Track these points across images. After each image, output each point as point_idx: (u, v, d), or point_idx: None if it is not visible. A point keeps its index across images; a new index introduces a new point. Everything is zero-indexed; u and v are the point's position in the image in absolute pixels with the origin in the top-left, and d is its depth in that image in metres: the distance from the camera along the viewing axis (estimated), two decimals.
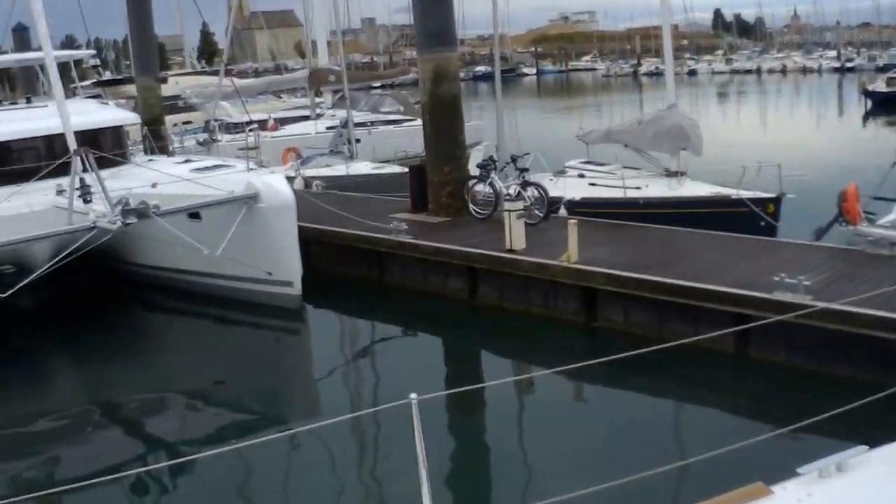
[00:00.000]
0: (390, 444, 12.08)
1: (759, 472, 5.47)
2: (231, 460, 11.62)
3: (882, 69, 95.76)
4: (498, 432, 12.98)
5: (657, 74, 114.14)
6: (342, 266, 20.67)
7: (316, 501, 11.07)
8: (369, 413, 12.55)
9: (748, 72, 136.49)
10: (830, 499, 4.80)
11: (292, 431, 12.18)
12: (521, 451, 12.36)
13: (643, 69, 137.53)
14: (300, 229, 18.92)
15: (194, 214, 17.99)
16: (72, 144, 16.55)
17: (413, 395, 5.13)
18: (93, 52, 59.34)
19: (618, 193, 21.29)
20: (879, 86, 70.22)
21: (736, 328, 12.90)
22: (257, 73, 68.03)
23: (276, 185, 18.27)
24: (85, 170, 16.34)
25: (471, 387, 11.85)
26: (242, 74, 66.29)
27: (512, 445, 12.47)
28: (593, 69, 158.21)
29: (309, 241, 20.33)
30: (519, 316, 17.26)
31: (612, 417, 13.22)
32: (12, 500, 8.89)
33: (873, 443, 5.37)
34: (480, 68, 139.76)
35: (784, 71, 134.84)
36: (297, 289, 18.32)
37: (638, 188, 21.50)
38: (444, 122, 21.80)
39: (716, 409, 13.55)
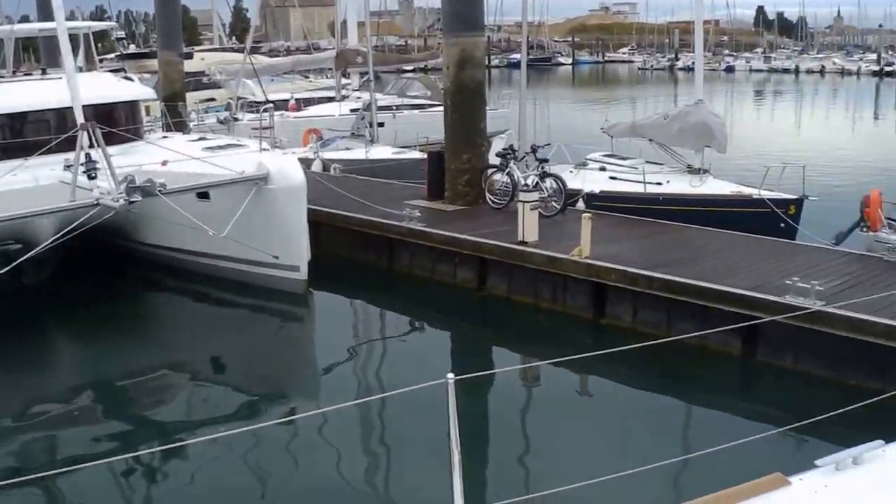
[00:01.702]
0: (401, 428, 12.09)
1: (776, 464, 5.48)
2: (234, 443, 11.43)
3: None
4: (511, 419, 12.92)
5: (693, 69, 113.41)
6: (352, 251, 20.39)
7: (320, 485, 10.91)
8: (377, 399, 12.49)
9: (786, 71, 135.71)
10: (846, 490, 4.91)
11: (298, 416, 12.14)
12: (531, 438, 12.37)
13: (680, 63, 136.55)
14: (312, 212, 18.70)
15: (203, 194, 17.72)
16: (79, 118, 16.26)
17: (450, 375, 5.06)
18: (114, 24, 58.92)
19: (638, 188, 20.95)
20: None
21: (727, 327, 12.78)
22: (289, 52, 67.90)
23: (287, 166, 17.98)
24: (94, 145, 16.08)
25: (503, 369, 11.72)
26: (274, 53, 66.23)
27: (523, 432, 12.58)
28: (630, 61, 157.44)
29: (320, 225, 20.13)
30: (527, 309, 17.01)
31: (619, 410, 13.15)
32: (5, 481, 8.64)
33: (889, 438, 5.47)
34: (516, 55, 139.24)
35: (822, 72, 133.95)
36: (303, 273, 18.04)
37: (659, 184, 21.16)
38: (466, 108, 21.44)
39: (726, 406, 13.37)
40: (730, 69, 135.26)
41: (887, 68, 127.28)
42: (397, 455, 11.74)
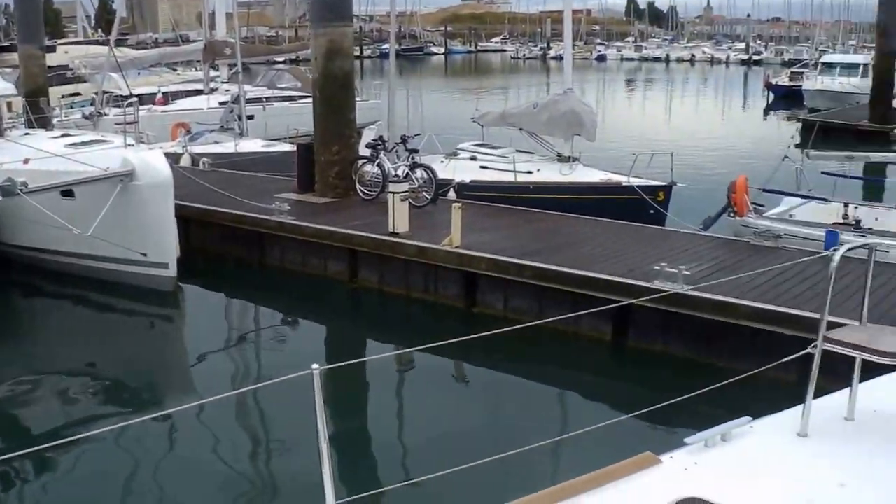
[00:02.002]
0: (274, 421, 11.98)
1: (647, 444, 5.52)
2: (106, 443, 11.15)
3: (788, 64, 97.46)
4: (383, 408, 12.94)
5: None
6: (223, 247, 19.99)
7: (191, 480, 10.65)
8: (250, 390, 12.19)
9: (657, 60, 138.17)
10: (716, 466, 5.02)
11: (168, 412, 11.76)
12: (405, 426, 12.41)
13: (552, 53, 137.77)
14: (181, 208, 18.29)
15: (67, 192, 17.20)
16: None
17: (315, 366, 4.87)
18: None
19: (508, 177, 20.95)
20: (783, 80, 71.31)
21: (583, 312, 13.29)
22: (157, 44, 66.69)
23: (153, 162, 17.52)
24: None
25: (368, 358, 11.75)
26: (142, 45, 65.02)
27: (397, 420, 12.57)
28: (503, 51, 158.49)
29: (189, 221, 19.70)
30: (399, 300, 16.90)
31: (494, 396, 13.19)
32: None
33: (756, 415, 5.66)
34: (388, 45, 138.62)
35: (692, 61, 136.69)
36: (172, 271, 17.62)
37: (529, 172, 21.21)
38: (335, 99, 21.24)
39: (598, 390, 13.54)
40: (601, 58, 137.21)
41: (755, 57, 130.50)
42: (270, 448, 11.62)
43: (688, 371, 13.19)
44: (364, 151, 21.63)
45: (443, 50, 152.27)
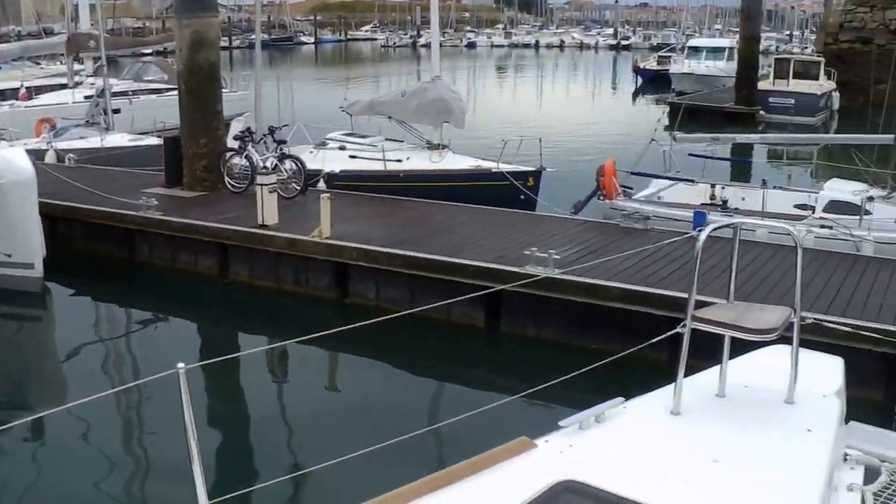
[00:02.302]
0: (146, 419, 11.82)
1: (523, 429, 5.48)
2: None
3: (655, 48, 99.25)
4: (256, 404, 12.75)
5: None
6: (91, 245, 19.45)
7: (60, 485, 10.36)
8: (121, 390, 12.00)
9: (527, 46, 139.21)
10: (590, 448, 5.06)
11: (36, 416, 11.40)
12: (281, 421, 12.20)
13: (422, 40, 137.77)
14: (46, 206, 17.81)
15: None
16: None
17: (180, 365, 4.77)
18: None
19: (378, 166, 20.91)
20: (650, 64, 72.65)
21: (455, 299, 13.04)
22: (20, 37, 64.98)
23: (14, 159, 17.01)
24: None
25: (234, 355, 11.69)
26: (4, 38, 63.25)
27: (273, 415, 12.32)
28: (373, 39, 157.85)
29: (56, 219, 19.19)
30: (270, 293, 16.68)
31: (369, 387, 13.12)
32: None
33: (629, 395, 5.72)
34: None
35: (562, 46, 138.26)
36: (38, 270, 17.13)
37: (399, 161, 21.19)
38: (201, 91, 20.85)
39: (472, 377, 13.60)
40: (471, 45, 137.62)
41: (624, 42, 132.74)
42: (140, 450, 11.36)
43: (561, 354, 13.26)
44: (232, 144, 21.36)
45: (312, 39, 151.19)
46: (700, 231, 5.83)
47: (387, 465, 7.66)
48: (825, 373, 6.31)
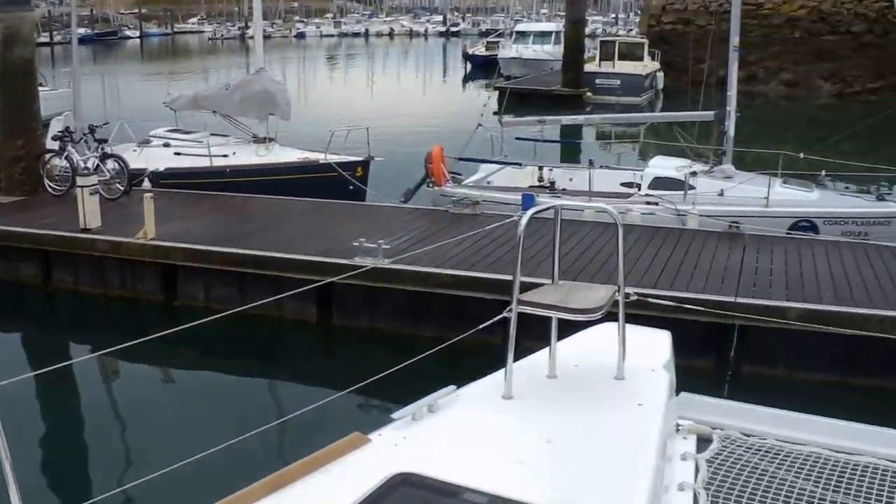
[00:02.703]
0: None
1: (356, 424, 5.44)
2: None
3: (485, 34, 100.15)
4: (86, 414, 12.47)
5: (265, 37, 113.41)
6: None
7: None
8: None
9: (357, 35, 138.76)
10: (424, 438, 4.99)
11: None
12: (112, 431, 11.80)
13: (250, 32, 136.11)
14: None
15: None
16: None
17: None
18: None
19: (204, 162, 20.44)
20: (479, 50, 73.21)
21: (284, 294, 13.34)
22: None
23: None
24: None
25: (55, 366, 10.99)
26: None
27: (103, 425, 11.95)
28: (200, 32, 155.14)
29: None
30: (96, 299, 16.17)
31: (203, 389, 12.99)
32: None
33: (461, 382, 5.63)
34: (81, 30, 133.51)
35: (392, 35, 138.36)
36: None
37: (225, 156, 20.79)
38: (15, 91, 20.06)
39: (307, 373, 13.46)
40: (301, 35, 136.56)
41: (453, 28, 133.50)
42: None
43: (395, 344, 13.22)
44: (52, 144, 20.62)
45: (138, 33, 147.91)
46: (521, 215, 5.81)
47: (223, 468, 7.46)
48: (653, 347, 6.39)
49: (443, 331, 12.41)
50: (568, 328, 6.13)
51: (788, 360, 12.55)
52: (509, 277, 12.45)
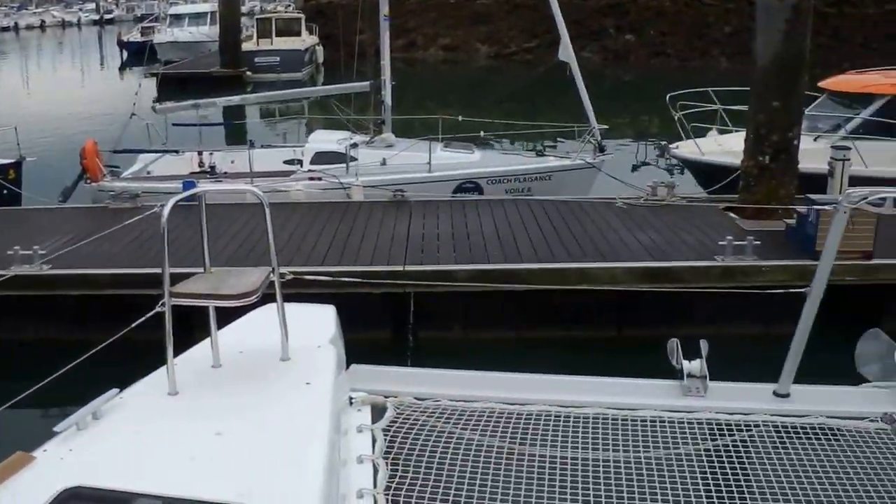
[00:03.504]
0: None
1: (20, 443, 4.99)
2: None
3: (140, 19, 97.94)
4: None
5: None
6: None
7: None
8: None
9: (5, 29, 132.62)
10: (91, 447, 4.78)
11: None
12: None
13: None
14: None
15: None
16: None
17: None
18: None
19: None
20: (135, 36, 71.43)
21: None
22: None
23: None
24: None
25: None
26: None
27: None
28: None
29: None
30: None
31: None
32: None
33: (123, 385, 5.45)
34: None
35: (43, 27, 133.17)
36: None
37: None
38: None
39: None
40: None
41: (107, 16, 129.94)
42: None
43: (65, 353, 12.52)
44: None
45: None
46: (163, 206, 5.60)
47: None
48: (318, 324, 6.41)
49: (110, 333, 12.04)
50: (230, 315, 6.10)
51: (464, 322, 12.85)
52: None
